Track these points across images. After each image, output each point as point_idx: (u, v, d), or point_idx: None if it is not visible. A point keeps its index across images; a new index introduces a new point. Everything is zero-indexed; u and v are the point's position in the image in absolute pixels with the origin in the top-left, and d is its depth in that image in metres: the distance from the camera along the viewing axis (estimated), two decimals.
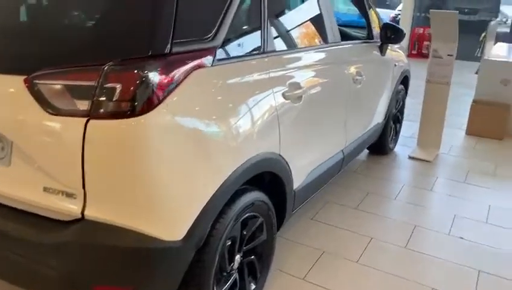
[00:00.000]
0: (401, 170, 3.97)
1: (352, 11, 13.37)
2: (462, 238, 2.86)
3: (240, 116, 1.78)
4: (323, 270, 2.48)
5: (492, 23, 6.22)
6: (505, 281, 2.46)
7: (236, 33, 1.86)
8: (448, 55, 4.05)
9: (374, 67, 3.33)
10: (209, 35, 1.68)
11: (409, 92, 4.48)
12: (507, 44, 6.72)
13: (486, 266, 2.58)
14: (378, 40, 3.41)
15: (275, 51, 2.08)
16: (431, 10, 3.98)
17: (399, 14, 11.23)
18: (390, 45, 3.65)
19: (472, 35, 10.18)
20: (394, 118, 4.21)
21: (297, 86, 2.18)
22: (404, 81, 4.23)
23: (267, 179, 2.11)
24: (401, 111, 4.37)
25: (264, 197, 2.02)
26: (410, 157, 4.22)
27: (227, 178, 1.70)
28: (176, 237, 1.55)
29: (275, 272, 2.41)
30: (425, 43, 10.48)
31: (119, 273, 1.53)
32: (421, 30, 10.56)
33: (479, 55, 6.10)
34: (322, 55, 2.57)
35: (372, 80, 3.29)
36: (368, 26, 3.42)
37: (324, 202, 3.25)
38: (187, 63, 1.57)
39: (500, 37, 8.00)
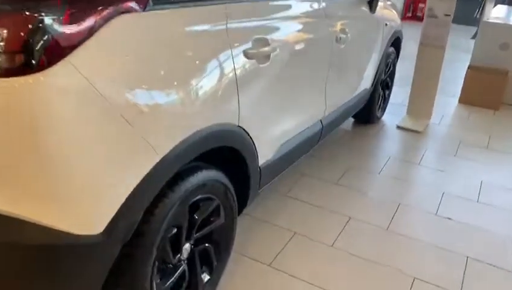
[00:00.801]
0: (388, 141, 3.66)
1: None
2: (450, 219, 2.59)
3: (181, 79, 1.41)
4: (293, 254, 2.20)
5: None
6: (495, 269, 2.20)
7: None
8: (445, 15, 3.66)
9: (361, 26, 2.95)
10: None
11: (401, 55, 4.12)
12: (507, 6, 6.30)
13: (476, 251, 2.31)
14: None
15: None
16: None
17: None
18: (382, 0, 3.28)
19: None
20: (383, 83, 3.86)
21: (264, 42, 1.82)
22: (396, 43, 3.85)
23: (226, 155, 1.78)
24: (391, 76, 4.01)
25: (220, 176, 1.70)
26: (399, 127, 3.90)
27: (164, 156, 1.36)
28: (92, 230, 1.22)
29: (237, 257, 2.12)
30: (421, 5, 9.98)
31: (19, 276, 1.21)
32: None
33: (477, 16, 5.70)
34: (299, 6, 2.19)
35: (359, 40, 2.92)
36: None
37: (300, 176, 2.94)
38: (106, 6, 1.19)
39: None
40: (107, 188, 1.24)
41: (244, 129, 1.76)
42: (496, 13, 5.41)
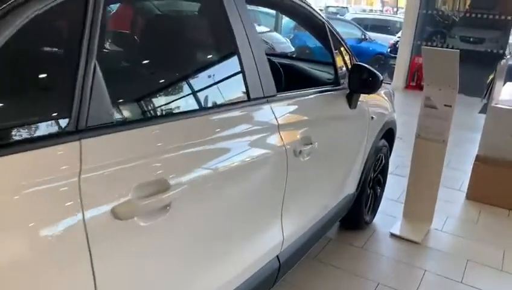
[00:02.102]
0: (377, 257, 2.96)
1: (352, 34, 12.62)
2: None
3: None
4: None
5: (502, 62, 5.27)
6: None
7: None
8: (445, 105, 3.08)
9: (337, 127, 2.37)
10: None
11: (400, 134, 3.51)
12: None
13: None
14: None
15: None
16: (423, 47, 3.03)
17: (398, 41, 10.33)
18: None
19: (477, 66, 9.28)
20: (373, 182, 3.24)
21: (158, 188, 1.21)
22: (388, 135, 3.26)
23: None
24: (383, 172, 3.39)
25: None
26: (393, 235, 3.23)
27: None
28: None
29: None
30: None
31: None
32: (421, 60, 9.62)
33: (485, 101, 5.20)
34: (231, 122, 1.61)
35: (334, 144, 2.33)
36: (334, 68, 2.46)
37: None
38: None
39: (509, 73, 7.08)
40: None
41: None
42: (507, 93, 4.84)
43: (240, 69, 1.65)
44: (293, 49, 9.45)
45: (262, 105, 1.74)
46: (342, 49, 2.58)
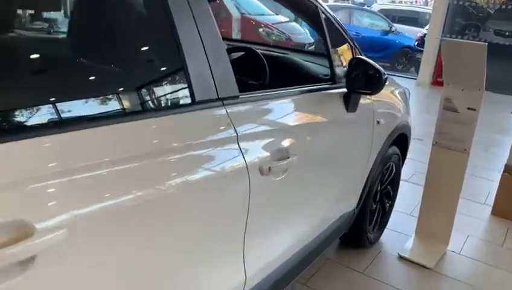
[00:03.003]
0: (378, 286, 2.52)
1: (377, 26, 11.97)
2: None
3: None
4: None
5: None
6: None
7: None
8: (468, 108, 2.60)
9: (327, 135, 1.93)
10: None
11: (420, 135, 3.03)
12: None
13: None
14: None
15: None
16: (442, 38, 2.55)
17: (426, 34, 9.68)
18: None
19: None
20: (381, 195, 2.79)
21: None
22: (400, 141, 2.80)
23: None
24: (393, 183, 2.93)
25: None
26: (401, 257, 2.78)
27: None
28: None
29: None
30: None
31: None
32: None
33: None
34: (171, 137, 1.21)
35: (323, 156, 1.90)
36: (329, 63, 2.02)
37: None
38: None
39: None
40: None
41: None
42: None
43: (180, 66, 1.24)
44: (311, 40, 8.93)
45: (213, 109, 1.33)
46: (342, 40, 2.14)
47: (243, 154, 1.38)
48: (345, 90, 2.00)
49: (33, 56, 1.14)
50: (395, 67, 11.20)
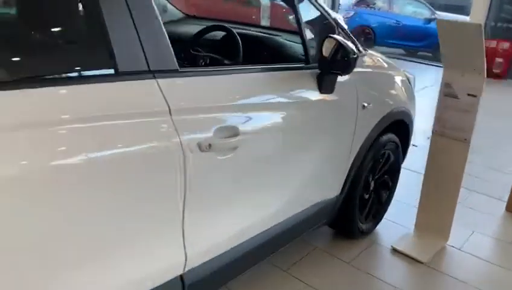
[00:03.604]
0: (364, 278, 2.41)
1: (420, 14, 11.45)
2: None
3: None
4: None
5: None
6: None
7: None
8: (468, 94, 2.43)
9: (292, 115, 1.83)
10: None
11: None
12: None
13: None
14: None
15: None
16: (437, 19, 2.38)
17: None
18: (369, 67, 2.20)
19: None
20: (376, 185, 2.68)
21: None
22: (399, 127, 2.67)
23: None
24: (391, 172, 2.80)
25: None
26: (394, 250, 2.66)
27: None
28: None
29: None
30: (498, 60, 8.39)
31: None
32: (493, 43, 8.45)
33: None
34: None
35: (286, 137, 1.82)
36: (302, 42, 1.94)
37: None
38: None
39: None
40: None
41: None
42: None
43: (102, 36, 1.22)
44: (345, 27, 8.66)
45: (140, 81, 1.30)
46: (321, 20, 2.05)
47: (176, 129, 1.35)
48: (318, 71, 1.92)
49: None
50: (437, 57, 10.71)
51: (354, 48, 1.82)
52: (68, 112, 1.14)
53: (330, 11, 2.14)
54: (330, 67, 1.86)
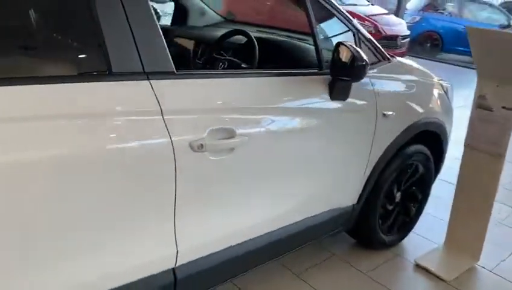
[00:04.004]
0: None
1: (495, 20, 10.77)
2: None
3: None
4: None
5: None
6: None
7: None
8: (503, 107, 2.29)
9: (297, 120, 1.83)
10: None
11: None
12: None
13: None
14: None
15: None
16: (467, 26, 2.26)
17: None
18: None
19: None
20: (403, 196, 2.60)
21: None
22: (430, 139, 2.57)
23: None
24: (420, 185, 2.69)
25: None
26: (418, 266, 2.56)
27: None
28: None
29: None
30: None
31: None
32: None
33: None
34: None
35: (290, 142, 1.83)
36: (315, 47, 1.94)
37: None
38: None
39: None
40: None
41: None
42: None
43: (97, 37, 1.31)
44: (407, 33, 8.38)
45: (132, 82, 1.38)
46: (338, 27, 2.04)
47: (167, 128, 1.42)
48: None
49: None
50: None
51: (363, 55, 1.80)
52: (58, 108, 1.24)
53: (351, 17, 2.11)
54: (339, 73, 1.85)
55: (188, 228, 1.58)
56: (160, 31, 1.44)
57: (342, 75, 1.84)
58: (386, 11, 9.22)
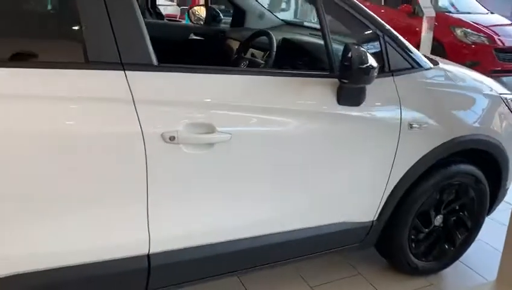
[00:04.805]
0: None
1: None
2: None
3: None
4: None
5: None
6: None
7: None
8: None
9: (293, 124, 1.76)
10: None
11: None
12: None
13: None
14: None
15: None
16: None
17: None
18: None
19: None
20: (446, 221, 2.35)
21: None
22: (484, 160, 2.28)
23: None
24: (470, 211, 2.39)
25: None
26: None
27: None
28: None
29: None
30: None
31: None
32: None
33: None
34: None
35: (287, 145, 1.75)
36: (326, 47, 1.85)
37: None
38: None
39: None
40: None
41: None
42: None
43: (77, 22, 1.42)
44: None
45: (107, 71, 1.46)
46: (356, 27, 1.93)
47: (138, 118, 1.48)
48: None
49: None
50: None
51: (367, 57, 1.67)
52: (32, 90, 1.37)
53: (378, 20, 1.96)
54: (341, 75, 1.74)
55: (162, 217, 1.61)
56: (142, 24, 1.51)
57: (343, 77, 1.74)
58: (508, 22, 8.32)
